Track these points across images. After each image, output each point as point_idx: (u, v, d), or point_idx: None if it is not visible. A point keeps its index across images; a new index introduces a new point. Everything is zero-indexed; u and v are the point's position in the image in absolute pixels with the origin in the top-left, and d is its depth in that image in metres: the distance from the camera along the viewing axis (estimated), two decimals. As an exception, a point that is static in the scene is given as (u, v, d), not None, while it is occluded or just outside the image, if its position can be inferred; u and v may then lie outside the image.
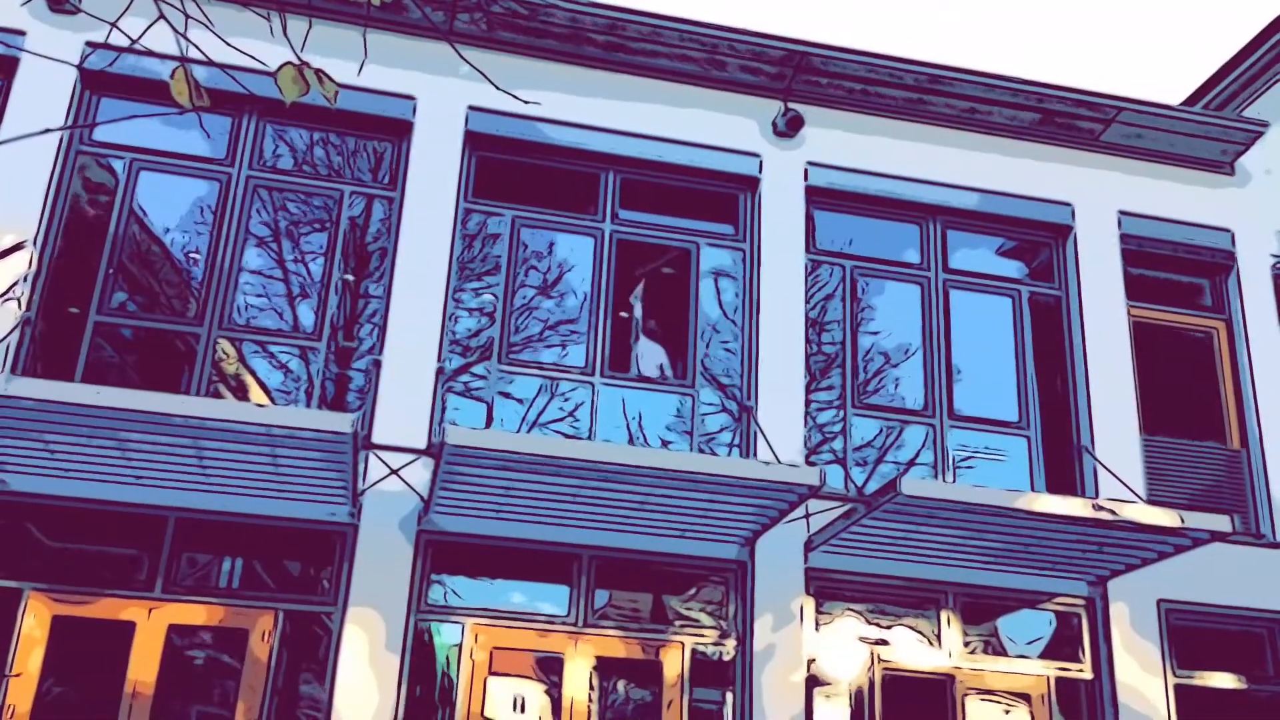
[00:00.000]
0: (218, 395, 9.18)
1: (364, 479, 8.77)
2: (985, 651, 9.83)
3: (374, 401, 9.18)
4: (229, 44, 4.40)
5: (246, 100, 9.37)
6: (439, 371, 9.44)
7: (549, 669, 9.01)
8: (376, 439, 8.98)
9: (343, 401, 9.39)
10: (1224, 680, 10.00)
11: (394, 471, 8.86)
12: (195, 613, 8.51)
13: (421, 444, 9.05)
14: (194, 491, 8.57)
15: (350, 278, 9.80)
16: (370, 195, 10.09)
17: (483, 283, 10.04)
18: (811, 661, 9.37)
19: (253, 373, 9.41)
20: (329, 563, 8.82)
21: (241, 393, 9.38)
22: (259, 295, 9.56)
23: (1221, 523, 8.67)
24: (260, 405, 8.91)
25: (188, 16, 4.54)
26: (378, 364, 9.34)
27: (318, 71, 4.03)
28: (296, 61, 4.02)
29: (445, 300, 9.65)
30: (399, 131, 10.17)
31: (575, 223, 10.40)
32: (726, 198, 10.82)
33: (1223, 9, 43.94)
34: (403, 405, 9.15)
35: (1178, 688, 9.78)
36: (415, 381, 9.25)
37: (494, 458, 7.86)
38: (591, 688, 8.99)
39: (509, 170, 10.43)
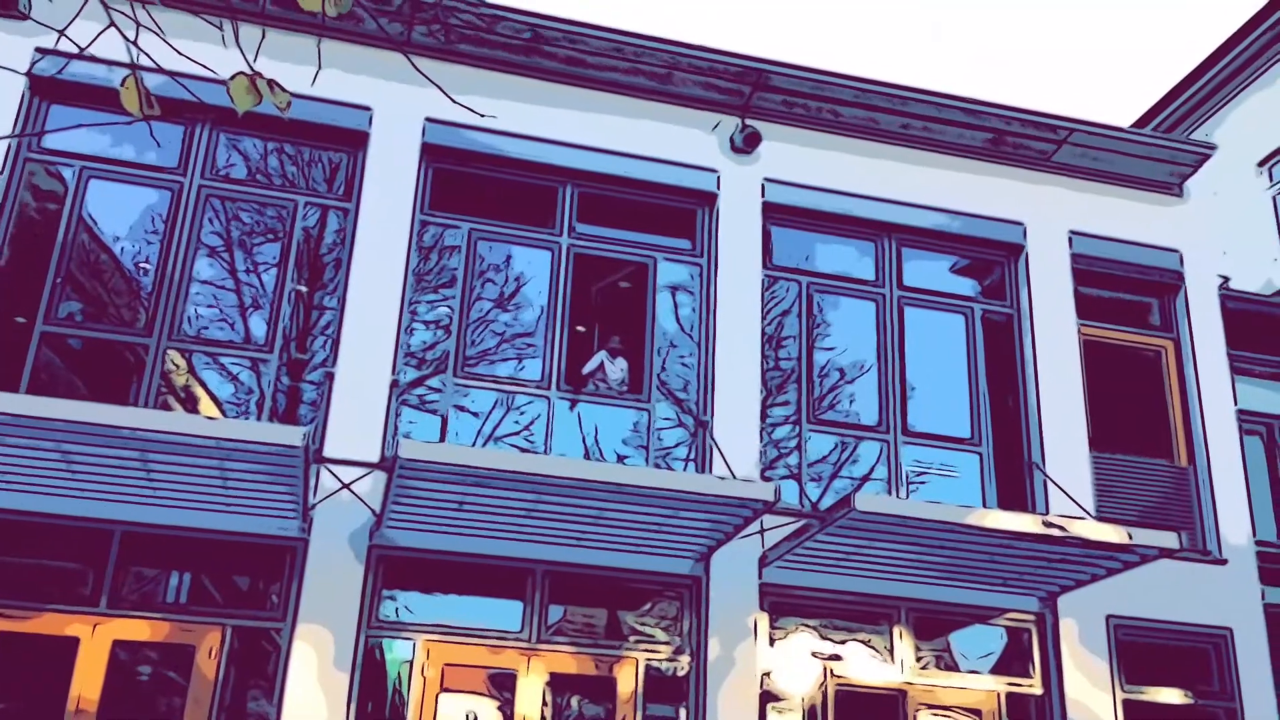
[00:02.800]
0: (167, 407, 9.04)
1: (315, 493, 8.66)
2: (937, 667, 9.89)
3: (326, 414, 9.08)
4: (180, 53, 4.33)
5: (199, 109, 9.26)
6: (393, 384, 9.36)
7: (502, 685, 8.94)
8: (328, 452, 8.88)
9: (294, 414, 9.28)
10: (1172, 695, 10.13)
11: (345, 485, 8.76)
12: (141, 628, 8.35)
13: (374, 457, 8.96)
14: (141, 505, 8.43)
15: (303, 289, 9.70)
16: (325, 206, 10.00)
17: (439, 295, 9.98)
18: (765, 677, 9.37)
19: (203, 384, 9.28)
20: (278, 578, 8.69)
21: (191, 405, 9.25)
22: (210, 306, 9.44)
23: (1169, 539, 8.79)
24: (210, 418, 8.78)
25: (138, 24, 4.47)
26: (330, 376, 9.24)
27: (270, 82, 3.98)
28: (249, 71, 3.97)
29: (400, 312, 9.58)
30: (355, 142, 10.10)
31: (532, 236, 10.37)
32: (684, 213, 10.84)
33: (1172, 33, 44.80)
34: (355, 418, 9.05)
35: (1126, 703, 9.89)
36: (368, 394, 9.16)
37: (448, 472, 7.80)
38: (545, 704, 8.92)
39: (466, 182, 10.39)
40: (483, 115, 4.99)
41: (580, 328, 10.49)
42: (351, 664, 8.42)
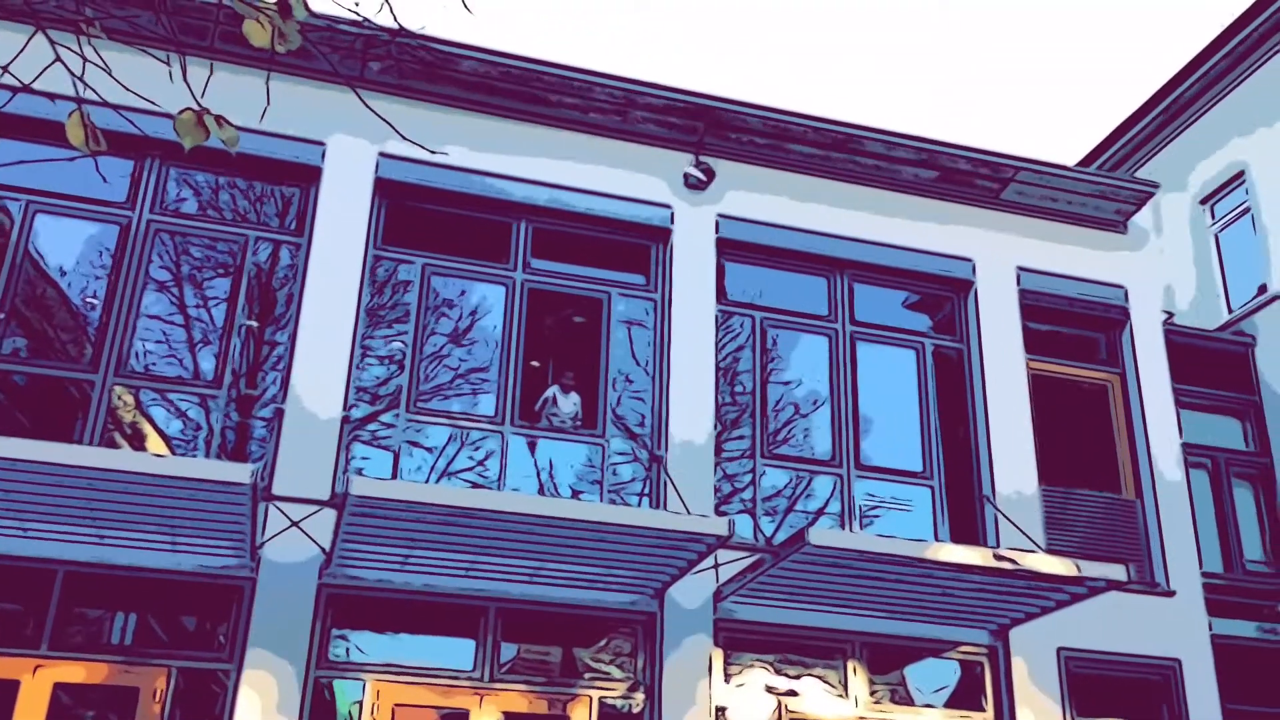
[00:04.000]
0: (113, 444, 8.90)
1: (263, 531, 8.55)
2: (891, 701, 9.90)
3: (276, 451, 8.97)
4: (127, 88, 4.31)
5: (149, 144, 9.21)
6: (344, 420, 9.28)
7: (453, 725, 8.82)
8: (278, 490, 8.77)
9: (244, 451, 9.17)
10: (1121, 727, 10.21)
11: (295, 523, 8.65)
12: (83, 671, 8.16)
13: (324, 495, 8.87)
14: (85, 544, 8.26)
15: (254, 324, 9.61)
16: (277, 241, 9.94)
17: (392, 330, 9.93)
18: (720, 712, 9.33)
19: (150, 421, 9.15)
20: (225, 618, 8.55)
21: (138, 442, 9.11)
22: (158, 341, 9.32)
23: (1117, 572, 8.88)
24: (157, 455, 8.66)
25: (84, 59, 4.45)
26: (280, 412, 9.15)
27: (218, 117, 3.97)
28: (196, 107, 3.95)
29: (352, 348, 9.52)
30: (307, 177, 10.06)
31: (487, 271, 10.36)
32: (638, 248, 10.89)
33: (1118, 73, 45.84)
34: (305, 455, 8.96)
35: (1077, 735, 9.95)
36: (319, 430, 9.07)
37: (399, 508, 7.73)
38: (498, 743, 8.82)
39: (420, 217, 10.37)
40: (433, 152, 4.99)
41: (535, 363, 10.47)
42: (300, 706, 8.28)
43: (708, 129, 11.07)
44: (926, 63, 48.54)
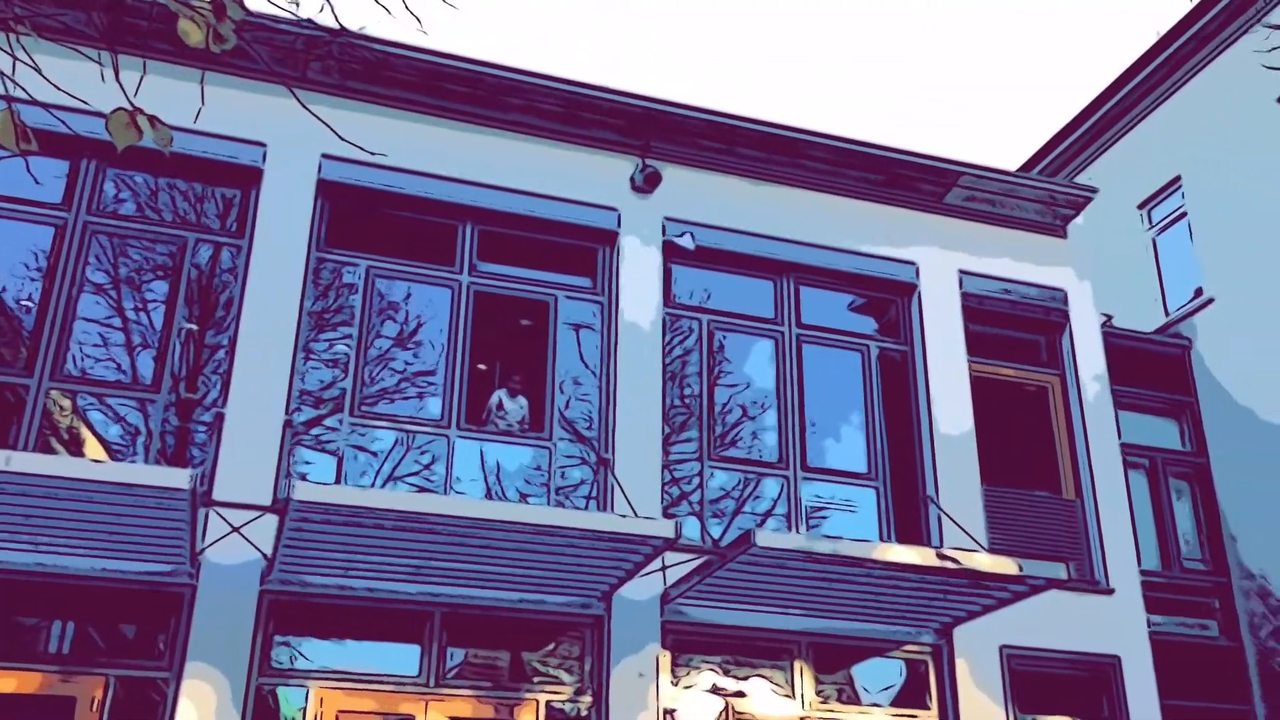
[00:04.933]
0: (49, 449, 8.72)
1: (204, 537, 8.42)
2: (838, 700, 9.97)
3: (216, 456, 8.84)
4: (59, 88, 4.23)
5: (85, 145, 9.05)
6: (287, 424, 9.17)
7: (399, 732, 8.75)
8: (218, 495, 8.64)
9: (184, 456, 9.03)
10: (1062, 723, 10.36)
11: (236, 529, 8.53)
12: (17, 680, 7.97)
13: (266, 500, 8.75)
14: (19, 550, 8.07)
15: (193, 327, 9.47)
16: (217, 243, 9.80)
17: (336, 333, 9.83)
18: (668, 714, 9.34)
19: (88, 425, 8.98)
20: (165, 625, 8.40)
21: (75, 447, 8.94)
22: (96, 345, 9.16)
23: (1058, 570, 9.02)
24: (94, 460, 8.49)
25: (14, 58, 4.36)
26: (220, 417, 9.02)
27: (151, 118, 3.91)
28: (129, 107, 3.90)
29: (294, 351, 9.40)
30: (248, 178, 9.93)
31: (432, 274, 10.30)
32: (585, 251, 10.88)
33: (1058, 81, 46.60)
34: (247, 459, 8.84)
35: (1020, 731, 10.08)
36: (261, 435, 8.96)
37: (342, 513, 7.66)
38: (444, 749, 8.76)
39: (364, 220, 10.28)
40: (374, 154, 4.96)
41: (481, 366, 10.42)
42: (241, 714, 8.16)
43: (654, 132, 11.09)
44: (871, 68, 49.02)
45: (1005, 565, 8.96)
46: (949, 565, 8.73)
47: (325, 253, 10.01)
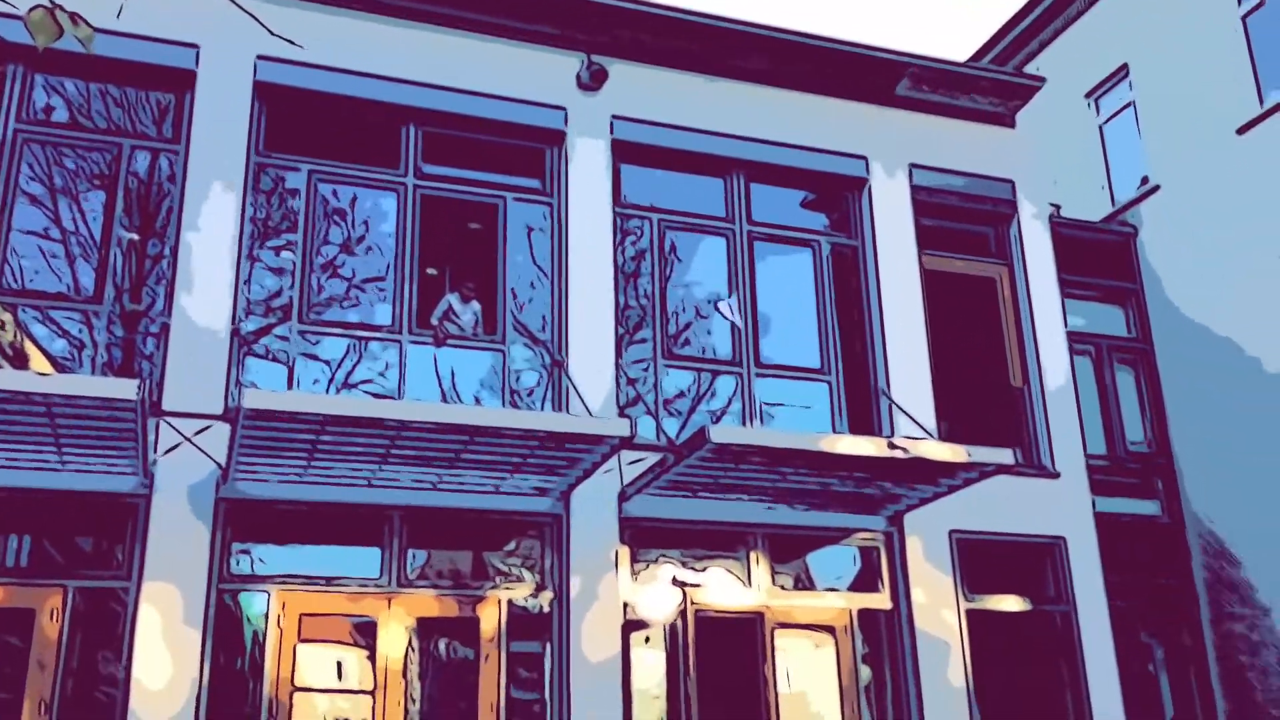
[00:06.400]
0: (-8, 365, 8.58)
1: (156, 447, 8.38)
2: (794, 588, 10.22)
3: (164, 366, 8.76)
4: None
5: (11, 50, 8.74)
6: (234, 333, 9.08)
7: (362, 632, 8.88)
8: (168, 405, 8.58)
9: (131, 367, 8.93)
10: (1010, 603, 10.70)
11: (187, 438, 8.50)
12: (-25, 596, 7.99)
13: (218, 409, 8.71)
14: (-31, 468, 8.02)
15: (134, 237, 9.29)
16: (154, 149, 9.57)
17: (280, 240, 9.69)
18: (627, 608, 9.53)
19: (31, 339, 8.83)
20: (121, 536, 8.41)
21: (20, 361, 8.79)
22: (35, 257, 8.96)
23: (1005, 456, 9.23)
24: (40, 374, 8.37)
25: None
26: (166, 327, 8.91)
27: (72, 14, 3.80)
28: (48, 4, 3.79)
29: (238, 259, 9.27)
30: (181, 82, 9.65)
31: (377, 178, 10.13)
32: (532, 152, 10.73)
33: (1010, -29, 46.06)
34: (195, 369, 8.76)
35: (969, 613, 10.40)
36: (208, 345, 8.87)
37: (294, 421, 7.64)
38: (411, 648, 8.91)
39: (304, 122, 10.05)
40: (300, 46, 4.83)
41: (431, 270, 10.33)
42: (203, 620, 8.24)
43: (600, 27, 10.88)
44: (824, -39, 48.18)
45: (954, 452, 9.14)
46: (899, 454, 8.89)
47: (265, 157, 9.80)
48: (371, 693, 8.71)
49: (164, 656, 8.03)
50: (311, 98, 9.98)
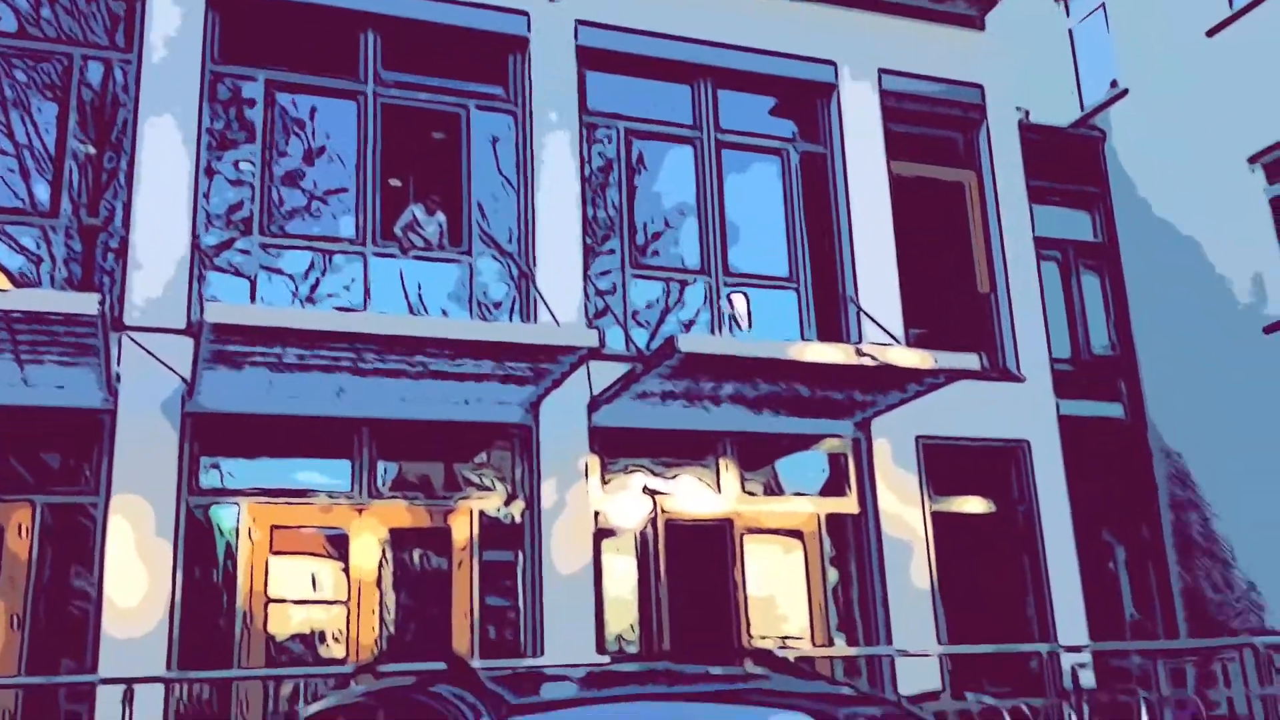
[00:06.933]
0: (-51, 283, 8.46)
1: (119, 363, 8.31)
2: (763, 493, 10.34)
3: (124, 281, 8.66)
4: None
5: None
6: (195, 246, 8.95)
7: (334, 544, 8.95)
8: (130, 320, 8.50)
9: (91, 283, 8.81)
10: (974, 505, 10.89)
11: (151, 353, 8.41)
12: (-57, 513, 7.98)
13: (180, 324, 8.63)
14: (-71, 386, 7.95)
15: (90, 150, 9.10)
16: (106, 60, 9.32)
17: (239, 152, 9.51)
18: (598, 516, 9.64)
19: (-12, 256, 8.70)
20: (88, 451, 8.39)
21: (-23, 279, 8.67)
22: (-13, 171, 8.78)
23: (971, 361, 9.31)
24: (-1, 290, 8.27)
25: None
26: (125, 241, 8.78)
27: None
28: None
29: (196, 172, 9.10)
30: (132, -12, 9.37)
31: (335, 86, 9.92)
32: (495, 59, 10.53)
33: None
34: (157, 284, 8.66)
35: (934, 515, 10.57)
36: (169, 259, 8.75)
37: (259, 335, 7.59)
38: (384, 559, 9.00)
39: (260, 30, 9.79)
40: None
41: (395, 182, 10.19)
42: (174, 533, 8.27)
43: (562, -71, 10.61)
44: None
45: (921, 359, 9.22)
46: (867, 362, 8.96)
47: (220, 67, 9.56)
48: (345, 603, 8.81)
49: (136, 570, 8.08)
50: (266, 5, 9.72)
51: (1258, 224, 12.13)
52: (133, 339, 8.43)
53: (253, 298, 9.12)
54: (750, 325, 9.60)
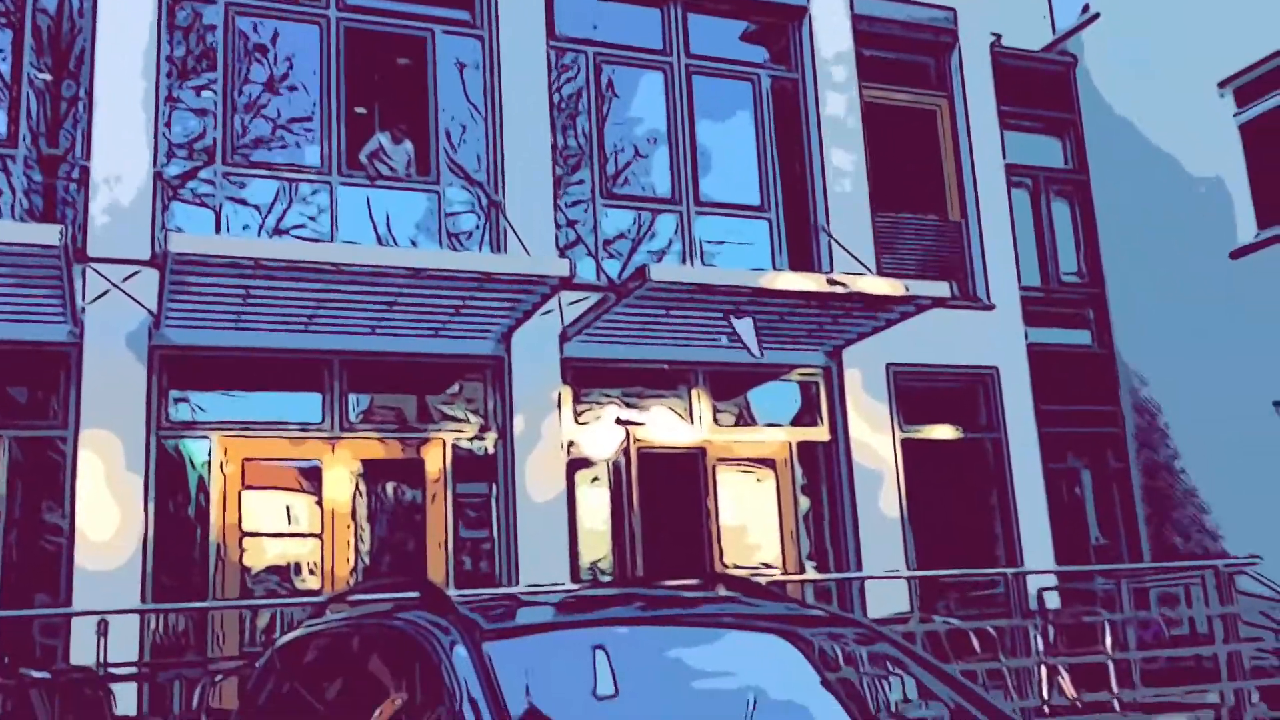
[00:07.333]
0: (-96, 216, 8.28)
1: (84, 295, 8.19)
2: (735, 424, 10.39)
3: (86, 211, 8.49)
4: None
5: None
6: (157, 176, 8.78)
7: (307, 476, 8.94)
8: (93, 251, 8.36)
9: (53, 214, 8.64)
10: (944, 432, 11.00)
11: (115, 285, 8.30)
12: (-91, 450, 7.89)
13: (144, 255, 8.49)
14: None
15: (48, 77, 8.86)
16: (60, -16, 9.04)
17: (200, 79, 9.29)
18: (570, 446, 9.66)
19: (-57, 188, 8.50)
20: (55, 385, 8.30)
21: (-66, 211, 8.49)
22: (-61, 100, 8.55)
23: (941, 289, 9.35)
24: (-45, 223, 8.11)
25: None
26: (86, 171, 8.59)
27: None
28: None
29: (157, 100, 8.89)
30: (84, -92, 9.07)
31: (297, 10, 9.67)
32: (460, -19, 10.30)
33: None
34: (120, 215, 8.51)
35: (905, 442, 10.67)
36: (131, 189, 8.59)
37: (225, 265, 7.48)
38: (357, 491, 9.00)
39: (218, -47, 9.52)
40: None
41: (360, 109, 10.01)
42: (145, 467, 8.22)
43: None
44: None
45: (891, 287, 9.24)
46: (838, 290, 8.96)
47: (179, -10, 9.31)
48: (319, 536, 8.82)
49: (107, 504, 8.04)
50: (223, -75, 9.44)
51: (1227, 150, 12.13)
52: (96, 270, 8.30)
53: (218, 228, 8.98)
54: (761, 354, 9.22)
